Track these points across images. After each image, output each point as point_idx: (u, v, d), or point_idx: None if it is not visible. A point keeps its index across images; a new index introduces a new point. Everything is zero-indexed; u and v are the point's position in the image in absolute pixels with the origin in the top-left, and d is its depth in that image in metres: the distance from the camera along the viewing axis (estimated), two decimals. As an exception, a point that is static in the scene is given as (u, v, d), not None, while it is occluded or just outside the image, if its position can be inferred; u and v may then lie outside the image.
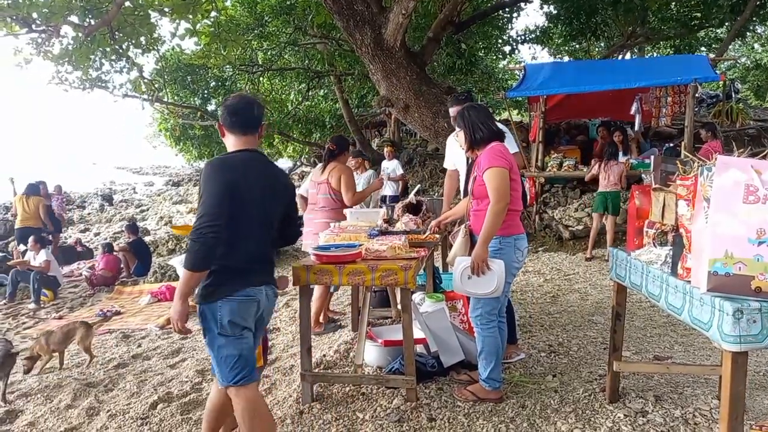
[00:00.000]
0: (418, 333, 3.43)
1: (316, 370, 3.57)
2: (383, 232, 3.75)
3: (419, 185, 6.00)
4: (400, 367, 3.31)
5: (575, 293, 5.87)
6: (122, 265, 8.66)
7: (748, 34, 16.39)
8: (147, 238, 12.66)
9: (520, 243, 2.99)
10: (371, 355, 3.59)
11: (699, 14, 14.47)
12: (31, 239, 7.89)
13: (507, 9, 14.70)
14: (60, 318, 6.81)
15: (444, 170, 4.84)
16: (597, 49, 18.32)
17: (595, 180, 7.53)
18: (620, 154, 7.75)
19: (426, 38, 10.55)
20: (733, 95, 13.40)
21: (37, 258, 7.67)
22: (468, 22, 12.63)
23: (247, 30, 13.97)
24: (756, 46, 24.48)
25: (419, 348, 3.46)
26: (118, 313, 6.85)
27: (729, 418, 1.87)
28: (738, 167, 1.96)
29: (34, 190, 9.50)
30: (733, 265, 1.89)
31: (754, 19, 13.94)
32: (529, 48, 18.34)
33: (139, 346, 5.22)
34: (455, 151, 4.17)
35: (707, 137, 7.59)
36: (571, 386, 3.25)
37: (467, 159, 4.09)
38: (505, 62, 23.42)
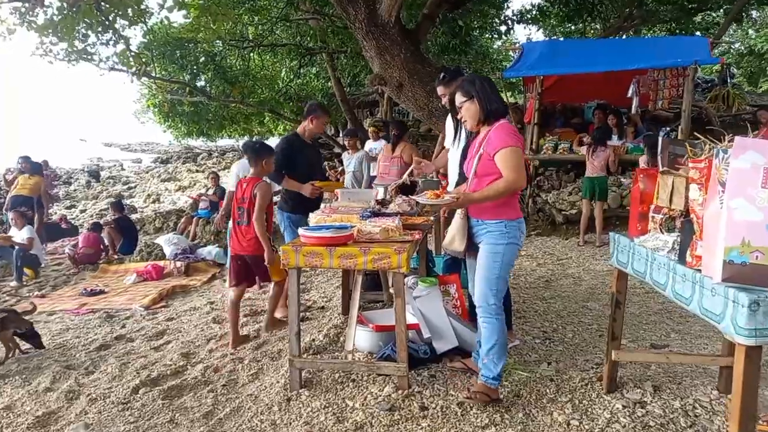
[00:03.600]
0: (410, 318, 3.32)
1: (305, 356, 3.46)
2: (376, 214, 3.60)
3: (413, 166, 5.82)
4: (391, 354, 3.20)
5: (569, 278, 5.78)
6: (107, 243, 8.46)
7: (744, 18, 16.20)
8: (134, 216, 12.46)
9: (522, 226, 2.86)
10: (362, 340, 3.48)
11: (698, -4, 14.29)
12: (12, 213, 7.69)
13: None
14: (42, 296, 6.65)
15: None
16: (593, 31, 18.11)
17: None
18: (615, 137, 7.63)
19: (421, 15, 10.31)
20: (728, 80, 13.30)
21: (20, 234, 7.48)
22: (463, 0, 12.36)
23: (237, 3, 13.61)
24: (750, 31, 24.35)
25: (411, 333, 3.35)
26: (102, 292, 6.70)
27: (741, 415, 1.78)
28: (757, 149, 1.84)
29: (37, 169, 9.51)
30: (750, 254, 1.78)
31: (751, 3, 13.81)
32: (525, 28, 18.06)
33: (123, 326, 5.08)
34: (450, 126, 4.02)
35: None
36: (566, 375, 3.16)
37: (466, 135, 3.94)
38: (500, 42, 23.20)
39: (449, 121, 4.23)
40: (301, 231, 3.05)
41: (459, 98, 2.85)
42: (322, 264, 2.93)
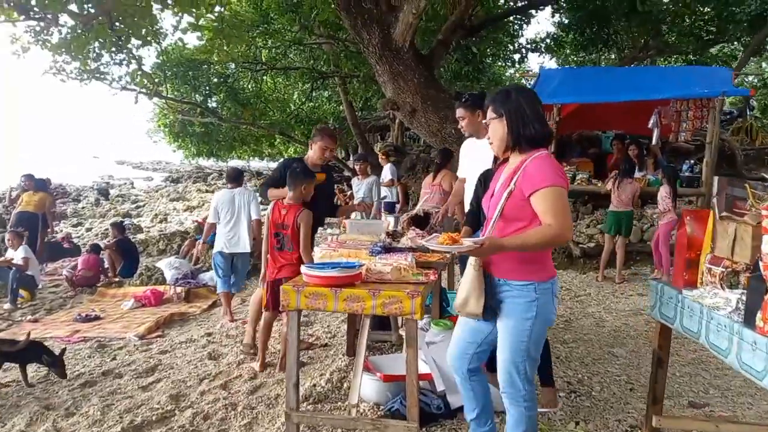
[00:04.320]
0: (422, 367, 2.99)
1: (305, 405, 3.13)
2: (387, 249, 3.31)
3: (426, 196, 5.55)
4: (400, 408, 2.87)
5: (589, 318, 5.43)
6: (106, 265, 8.20)
7: (762, 51, 15.96)
8: (139, 236, 12.24)
9: (556, 288, 2.30)
10: (368, 389, 3.15)
11: (714, 29, 14.09)
12: (7, 234, 7.47)
13: (519, 15, 14.31)
14: (35, 321, 6.36)
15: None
16: (606, 61, 17.92)
17: (608, 195, 7.10)
18: (635, 170, 7.33)
19: (435, 41, 10.15)
20: (748, 112, 13.01)
21: (16, 254, 7.23)
22: (479, 26, 12.23)
23: (251, 26, 13.59)
24: (764, 64, 24.12)
25: (423, 384, 3.02)
26: (97, 318, 6.40)
27: None
28: None
29: (42, 186, 9.45)
30: None
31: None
32: (539, 56, 17.91)
33: (114, 358, 4.77)
34: (473, 157, 3.75)
35: None
36: (598, 438, 2.81)
37: (492, 161, 3.66)
38: (512, 71, 23.10)
39: (465, 147, 3.96)
40: (303, 269, 2.75)
41: (489, 114, 2.36)
42: (326, 307, 2.63)
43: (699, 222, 2.43)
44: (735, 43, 15.46)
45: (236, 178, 6.20)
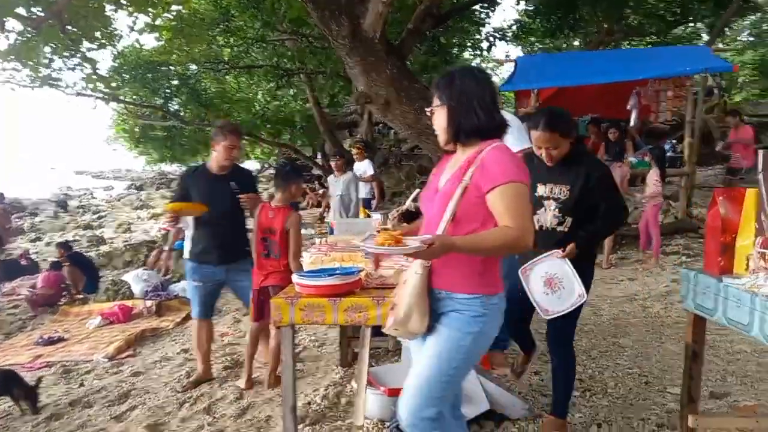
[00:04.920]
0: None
1: (301, 428, 2.82)
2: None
3: (418, 190, 5.24)
4: (410, 425, 2.57)
5: (585, 307, 5.21)
6: (68, 281, 7.68)
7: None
8: (103, 248, 11.68)
9: (503, 304, 1.93)
10: (371, 405, 2.85)
11: (678, 9, 14.19)
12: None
13: (484, 3, 14.16)
14: (-7, 347, 5.86)
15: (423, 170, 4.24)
16: (572, 48, 17.94)
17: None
18: (624, 153, 7.20)
19: (406, 30, 9.86)
20: (716, 92, 13.11)
21: (-31, 276, 6.69)
22: (447, 15, 12.01)
23: (211, 25, 13.10)
24: (720, 45, 24.63)
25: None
26: (61, 339, 5.93)
27: None
28: None
29: None
30: None
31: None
32: (507, 44, 17.86)
33: (81, 384, 4.35)
34: None
35: (737, 123, 7.13)
36: (627, 443, 2.58)
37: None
38: (479, 60, 23.01)
39: None
40: (296, 278, 2.43)
41: (434, 101, 1.99)
42: (325, 320, 2.32)
43: (733, 202, 2.20)
44: (699, 23, 15.60)
45: None
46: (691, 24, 16.07)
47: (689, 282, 2.28)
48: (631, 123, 8.06)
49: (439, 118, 1.92)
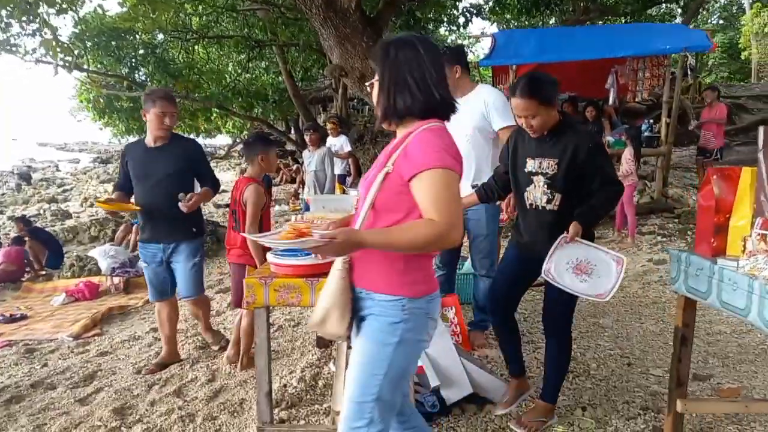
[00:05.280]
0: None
1: (277, 412, 2.70)
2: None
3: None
4: (391, 409, 2.48)
5: (562, 286, 5.21)
6: (31, 257, 7.37)
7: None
8: (68, 222, 11.30)
9: (434, 308, 1.69)
10: (350, 388, 2.75)
11: (655, -13, 14.20)
12: None
13: (462, -23, 13.93)
14: (-51, 326, 5.59)
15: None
16: (547, 26, 17.87)
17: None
18: (603, 132, 7.16)
19: (382, 2, 9.61)
20: (689, 72, 13.20)
21: None
22: (423, -13, 11.77)
23: (179, -10, 12.55)
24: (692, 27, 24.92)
25: (415, 378, 2.64)
26: (24, 317, 5.69)
27: None
28: None
29: None
30: None
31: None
32: (483, 21, 17.63)
33: (45, 365, 4.16)
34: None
35: (713, 100, 7.16)
36: (611, 426, 2.53)
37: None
38: (454, 36, 22.78)
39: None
40: (270, 257, 2.29)
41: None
42: (301, 302, 2.19)
43: (727, 181, 2.13)
44: (673, 3, 15.65)
45: None
46: (667, 4, 16.14)
47: (680, 263, 2.22)
48: (609, 102, 8.03)
49: (374, 94, 1.71)
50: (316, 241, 1.47)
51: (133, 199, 3.44)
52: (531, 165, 2.50)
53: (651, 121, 8.27)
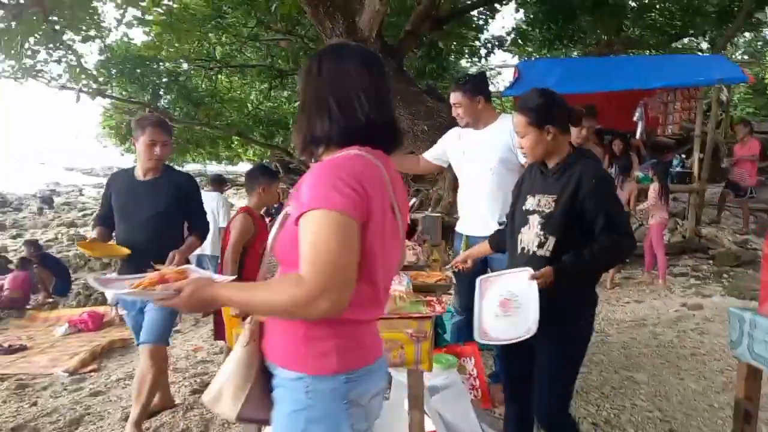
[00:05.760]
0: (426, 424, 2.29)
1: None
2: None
3: (415, 199, 4.84)
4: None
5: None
6: (38, 283, 7.21)
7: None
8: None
9: (359, 389, 1.27)
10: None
11: (679, 23, 13.96)
12: None
13: (484, 9, 13.86)
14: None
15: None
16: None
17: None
18: (632, 167, 6.84)
19: (404, 32, 9.50)
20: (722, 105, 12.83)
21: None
22: (446, 18, 11.68)
23: (203, 21, 12.72)
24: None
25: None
26: (23, 348, 5.49)
27: None
28: None
29: None
30: None
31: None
32: (504, 53, 17.56)
33: (34, 404, 3.91)
34: (473, 156, 3.12)
35: (745, 135, 6.82)
36: None
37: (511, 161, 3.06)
38: (475, 68, 22.72)
39: (457, 140, 3.33)
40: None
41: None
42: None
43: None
44: (699, 38, 15.38)
45: (217, 182, 7.05)
46: (693, 38, 15.87)
47: (743, 325, 1.89)
48: (637, 135, 7.70)
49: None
50: (160, 293, 1.20)
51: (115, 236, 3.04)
52: (530, 202, 2.10)
53: (683, 156, 7.91)
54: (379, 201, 1.21)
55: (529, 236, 2.07)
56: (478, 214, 3.13)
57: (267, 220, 11.60)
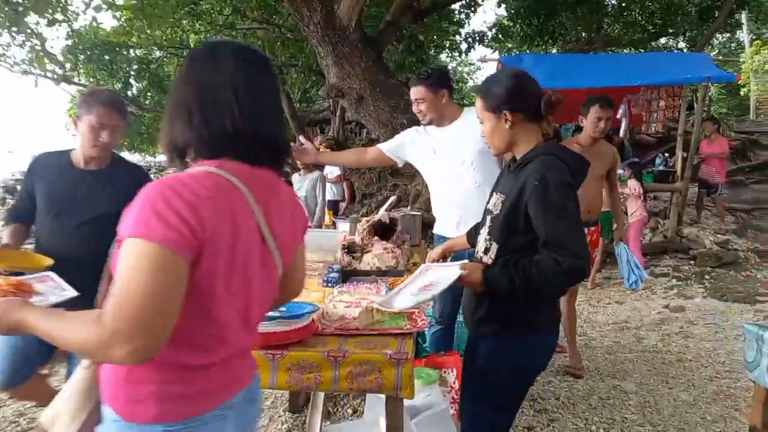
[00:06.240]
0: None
1: None
2: (348, 273, 2.36)
3: (393, 196, 4.58)
4: None
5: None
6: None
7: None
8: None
9: None
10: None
11: (660, 21, 13.97)
12: None
13: (466, 2, 13.67)
14: None
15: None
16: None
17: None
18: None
19: (384, 22, 9.23)
20: (695, 106, 12.86)
21: None
22: (427, 11, 11.44)
23: (176, 6, 12.29)
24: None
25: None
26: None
27: None
28: None
29: None
30: None
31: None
32: (485, 48, 17.36)
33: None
34: (444, 153, 2.89)
35: (712, 132, 6.74)
36: None
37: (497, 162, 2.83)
38: (455, 64, 22.61)
39: (425, 138, 3.09)
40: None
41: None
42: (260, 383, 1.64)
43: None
44: (678, 37, 15.42)
45: None
46: (672, 37, 15.91)
47: (761, 345, 1.69)
48: (621, 133, 7.58)
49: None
50: None
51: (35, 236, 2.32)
52: (491, 201, 1.84)
53: (666, 154, 7.81)
54: (226, 232, 1.02)
55: (481, 239, 1.82)
56: (467, 214, 2.91)
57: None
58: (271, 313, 1.75)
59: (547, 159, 1.65)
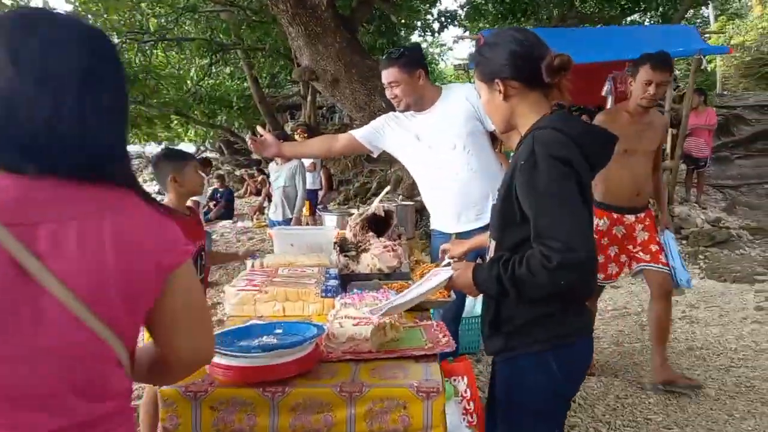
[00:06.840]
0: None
1: None
2: (346, 277, 2.04)
3: (389, 186, 4.24)
4: None
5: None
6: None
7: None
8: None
9: None
10: None
11: (630, -4, 13.88)
12: None
13: (437, -20, 13.33)
14: None
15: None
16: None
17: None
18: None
19: (356, 1, 8.83)
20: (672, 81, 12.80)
21: None
22: (399, -12, 11.08)
23: (135, -11, 11.65)
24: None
25: None
26: None
27: None
28: None
29: None
30: None
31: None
32: (457, 28, 17.03)
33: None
34: (397, 131, 2.60)
35: (699, 104, 6.58)
36: None
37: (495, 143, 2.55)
38: (426, 44, 22.24)
39: (386, 119, 2.78)
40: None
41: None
42: (255, 426, 1.31)
43: None
44: (649, 13, 15.36)
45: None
46: (643, 13, 15.85)
47: None
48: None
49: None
50: None
51: None
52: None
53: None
54: None
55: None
56: (467, 203, 2.61)
57: (212, 204, 10.44)
58: (266, 339, 1.42)
59: (541, 133, 1.33)
